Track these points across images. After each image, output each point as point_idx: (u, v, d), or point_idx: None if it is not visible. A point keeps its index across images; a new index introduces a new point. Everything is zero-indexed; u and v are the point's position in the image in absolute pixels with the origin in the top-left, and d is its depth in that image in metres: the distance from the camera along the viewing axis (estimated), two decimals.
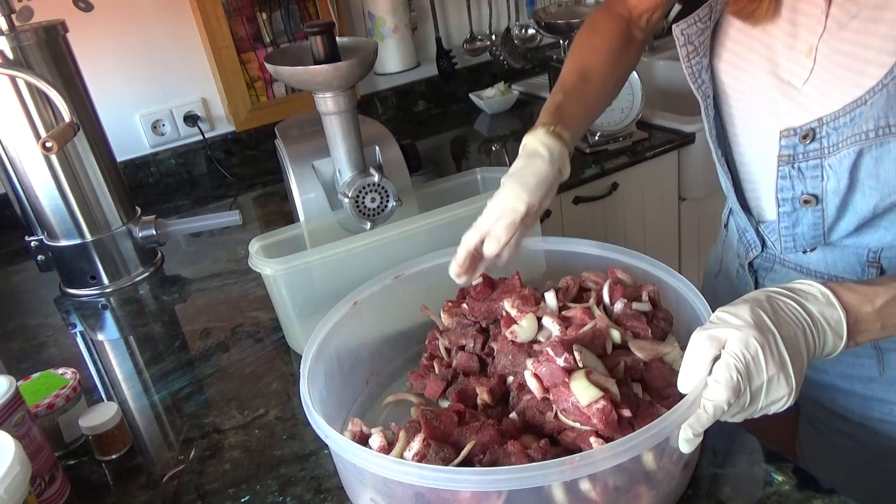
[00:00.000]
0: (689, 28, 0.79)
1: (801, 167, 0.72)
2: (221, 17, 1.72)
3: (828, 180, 0.71)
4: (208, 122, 1.85)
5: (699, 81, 0.81)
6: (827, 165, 0.70)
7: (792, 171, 0.73)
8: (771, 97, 0.75)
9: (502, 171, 1.17)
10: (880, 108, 0.64)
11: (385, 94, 2.05)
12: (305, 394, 0.70)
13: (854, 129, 0.66)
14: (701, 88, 0.82)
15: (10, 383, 0.77)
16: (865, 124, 0.65)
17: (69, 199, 1.25)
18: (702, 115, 0.84)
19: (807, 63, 0.71)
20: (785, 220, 0.78)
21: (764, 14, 0.73)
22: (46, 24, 1.18)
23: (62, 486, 0.81)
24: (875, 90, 0.64)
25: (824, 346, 0.64)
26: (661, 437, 0.59)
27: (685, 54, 0.80)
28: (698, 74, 0.81)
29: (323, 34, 0.98)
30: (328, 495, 0.77)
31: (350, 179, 1.07)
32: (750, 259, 0.91)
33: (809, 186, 0.73)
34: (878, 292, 0.65)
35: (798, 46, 0.72)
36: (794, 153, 0.72)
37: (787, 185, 0.74)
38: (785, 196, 0.76)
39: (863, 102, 0.65)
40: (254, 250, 1.00)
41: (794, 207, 0.76)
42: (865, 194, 0.70)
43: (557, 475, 0.57)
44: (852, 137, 0.67)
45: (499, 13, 2.10)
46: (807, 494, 0.68)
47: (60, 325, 1.24)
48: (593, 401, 0.62)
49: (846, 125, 0.67)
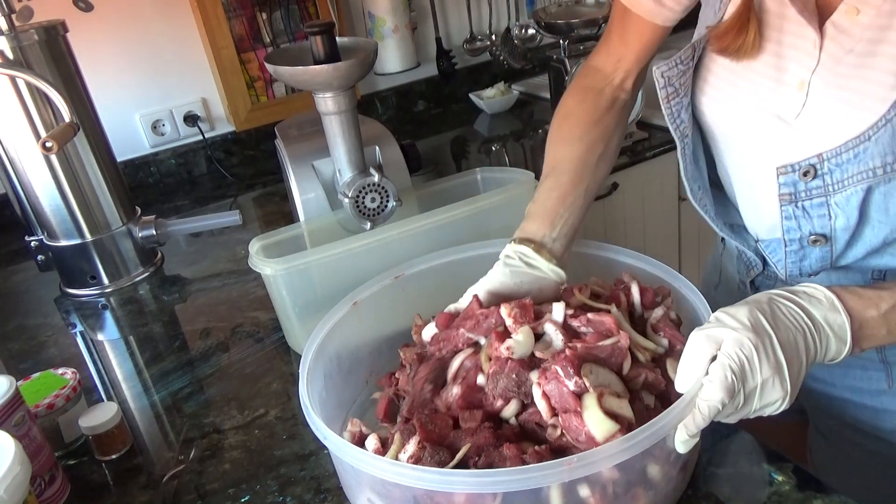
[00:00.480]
0: (670, 70, 0.76)
1: (806, 206, 0.70)
2: (221, 17, 1.72)
3: (836, 218, 0.69)
4: (208, 122, 1.85)
5: (677, 122, 0.79)
6: (833, 204, 0.69)
7: (797, 211, 0.71)
8: (761, 132, 0.73)
9: (502, 172, 1.18)
10: (886, 143, 0.62)
11: (385, 94, 2.05)
12: (304, 394, 0.70)
13: (860, 167, 0.65)
14: (679, 129, 0.79)
15: (10, 383, 0.77)
16: (872, 161, 0.64)
17: (69, 199, 1.25)
18: (678, 155, 0.81)
19: (798, 97, 0.69)
20: (792, 257, 0.76)
21: (749, 48, 0.71)
22: (46, 24, 1.17)
23: (62, 486, 0.81)
24: (878, 125, 0.62)
25: (827, 350, 0.63)
26: (658, 437, 0.59)
27: (664, 96, 0.78)
28: (677, 115, 0.79)
29: (323, 34, 0.98)
30: (328, 495, 0.77)
31: (350, 179, 1.07)
32: (751, 277, 0.90)
33: (817, 226, 0.71)
34: (883, 297, 0.64)
35: (786, 80, 0.70)
36: (796, 191, 0.70)
37: (793, 226, 0.72)
38: (792, 237, 0.74)
39: (867, 138, 0.63)
40: (254, 250, 1.00)
41: (801, 246, 0.75)
42: (875, 227, 0.69)
43: (554, 477, 0.57)
44: (859, 175, 0.65)
45: (499, 13, 2.10)
46: (807, 494, 0.68)
47: (60, 325, 1.24)
48: (609, 435, 0.59)
49: (850, 161, 0.65)
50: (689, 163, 0.81)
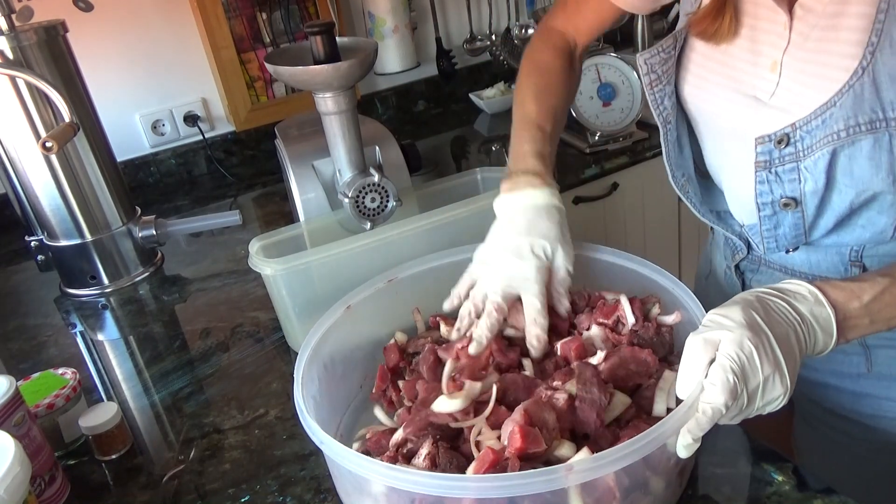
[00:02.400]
0: (653, 58, 0.81)
1: (778, 171, 0.74)
2: (221, 17, 1.72)
3: (805, 182, 0.73)
4: (208, 122, 1.85)
5: (660, 108, 0.84)
6: (803, 168, 0.72)
7: (770, 176, 0.74)
8: (739, 113, 0.77)
9: (502, 172, 1.17)
10: (849, 108, 0.65)
11: (385, 94, 2.05)
12: (299, 398, 0.70)
13: (826, 131, 0.68)
14: (662, 115, 0.84)
15: (10, 383, 0.77)
16: (836, 125, 0.67)
17: (69, 199, 1.25)
18: (661, 140, 0.86)
19: (771, 77, 0.73)
20: (766, 223, 0.79)
21: (726, 32, 0.75)
22: (46, 24, 1.17)
23: (62, 486, 0.81)
24: (843, 92, 0.66)
25: (815, 344, 0.64)
26: (660, 442, 0.59)
27: (648, 82, 0.83)
28: (660, 101, 0.84)
29: (323, 34, 0.98)
30: (328, 495, 0.77)
31: (350, 179, 1.07)
32: (736, 261, 0.92)
33: (788, 190, 0.74)
34: (864, 288, 0.66)
35: (760, 62, 0.74)
36: (771, 158, 0.73)
37: (765, 189, 0.76)
38: (765, 200, 0.77)
39: (832, 104, 0.67)
40: (254, 250, 1.00)
41: (774, 211, 0.77)
42: (841, 192, 0.72)
43: (554, 483, 0.57)
44: (825, 139, 0.68)
45: (499, 13, 2.10)
46: (807, 494, 0.68)
47: (60, 325, 1.24)
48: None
49: (818, 128, 0.69)
50: (673, 149, 0.86)
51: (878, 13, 0.63)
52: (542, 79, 0.93)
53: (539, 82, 0.92)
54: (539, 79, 0.93)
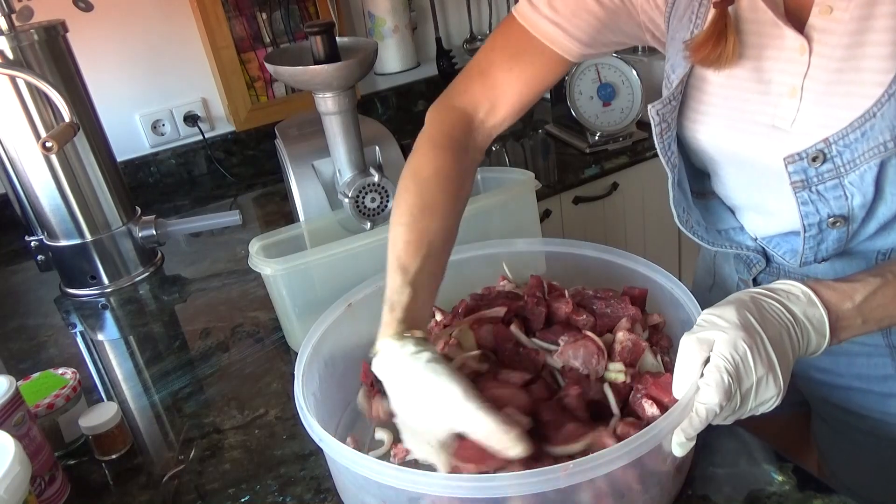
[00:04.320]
0: (664, 108, 0.78)
1: (820, 190, 0.71)
2: (221, 17, 1.72)
3: (853, 198, 0.70)
4: (208, 122, 1.85)
5: (668, 154, 0.80)
6: (848, 184, 0.69)
7: (812, 196, 0.71)
8: (757, 142, 0.74)
9: (502, 171, 1.18)
10: (892, 116, 0.63)
11: (385, 94, 2.05)
12: (300, 397, 0.70)
13: (870, 143, 0.66)
14: (670, 161, 0.81)
15: (10, 383, 0.77)
16: (882, 136, 0.64)
17: (69, 199, 1.25)
18: (668, 186, 0.82)
19: (790, 104, 0.70)
20: (810, 243, 0.76)
21: (729, 56, 0.71)
22: (46, 24, 1.18)
23: (62, 486, 0.82)
24: (882, 101, 0.63)
25: (808, 345, 0.64)
26: (656, 441, 0.59)
27: (658, 132, 0.79)
28: (667, 147, 0.80)
29: (323, 34, 0.98)
30: (328, 495, 0.77)
31: (350, 179, 1.07)
32: (754, 275, 0.90)
33: (835, 208, 0.72)
34: (856, 288, 0.66)
35: (773, 90, 0.71)
36: (807, 177, 0.70)
37: (811, 210, 0.72)
38: (811, 222, 0.74)
39: (872, 115, 0.64)
40: (254, 250, 1.00)
41: (820, 230, 0.75)
42: (888, 202, 0.70)
43: (550, 483, 0.57)
44: (870, 151, 0.66)
45: (499, 13, 2.10)
46: (807, 494, 0.68)
47: (60, 325, 1.24)
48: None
49: (858, 140, 0.66)
50: (676, 191, 0.82)
51: None
52: (419, 197, 0.79)
53: (414, 203, 0.78)
54: (416, 198, 0.79)
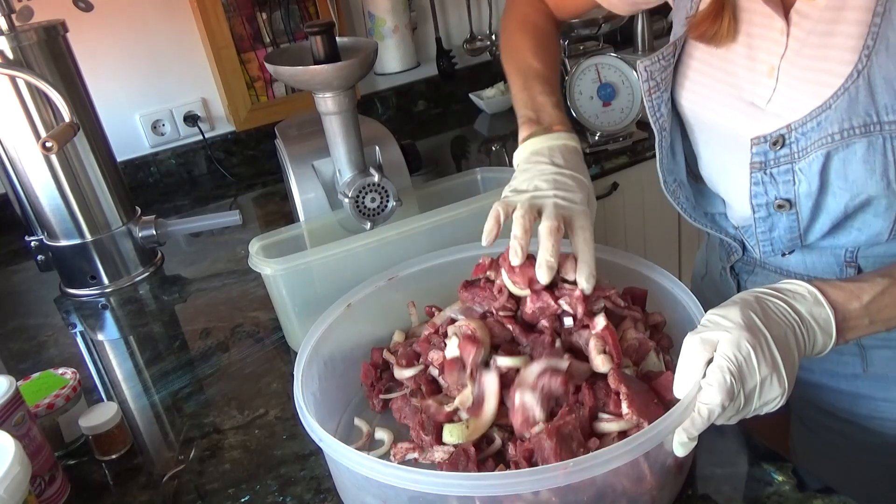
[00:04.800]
0: (653, 65, 0.81)
1: (773, 173, 0.73)
2: (221, 17, 1.72)
3: (799, 184, 0.72)
4: (208, 122, 1.85)
5: (657, 115, 0.84)
6: (798, 170, 0.72)
7: (764, 178, 0.74)
8: (736, 118, 0.77)
9: (502, 171, 1.18)
10: (843, 110, 0.66)
11: (385, 94, 2.05)
12: (299, 397, 0.70)
13: (820, 133, 0.68)
14: (658, 121, 0.84)
15: (10, 383, 0.77)
16: (830, 127, 0.67)
17: (69, 199, 1.25)
18: (656, 146, 0.86)
19: (768, 83, 0.73)
20: (761, 226, 0.79)
21: (725, 34, 0.75)
22: (46, 24, 1.17)
23: (62, 486, 0.82)
24: (837, 94, 0.66)
25: (814, 344, 0.64)
26: (657, 441, 0.59)
27: (647, 89, 0.82)
28: (657, 108, 0.83)
29: (323, 34, 0.98)
30: (328, 495, 0.77)
31: (350, 179, 1.07)
32: (732, 262, 0.92)
33: (782, 191, 0.74)
34: (864, 288, 0.66)
35: (757, 68, 0.74)
36: (766, 160, 0.73)
37: (760, 190, 0.76)
38: (759, 202, 0.76)
39: (827, 107, 0.67)
40: (254, 250, 1.00)
41: (769, 213, 0.77)
42: (836, 195, 0.71)
43: (549, 481, 0.57)
44: (819, 141, 0.68)
45: (499, 13, 2.10)
46: (807, 494, 0.68)
47: (60, 325, 1.24)
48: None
49: (813, 130, 0.69)
50: (666, 156, 0.86)
51: (875, 17, 0.63)
52: (536, 39, 0.93)
53: (535, 41, 0.93)
54: (534, 39, 0.93)
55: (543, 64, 0.90)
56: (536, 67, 0.89)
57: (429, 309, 0.86)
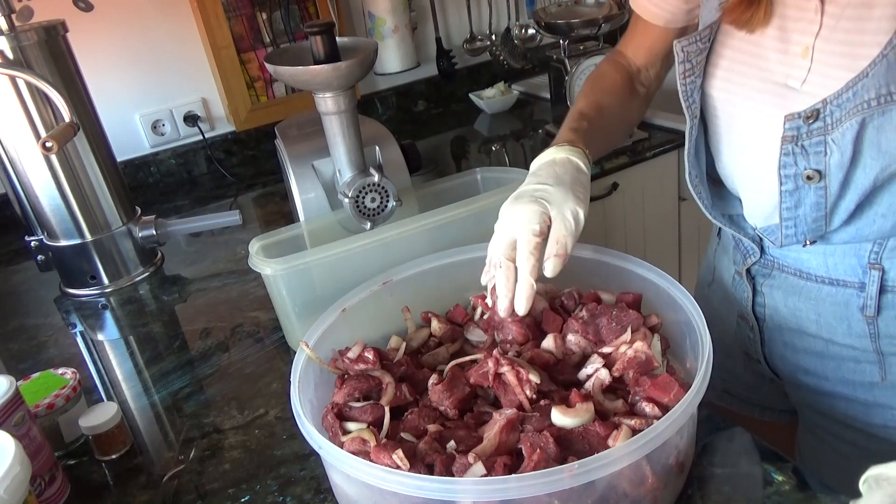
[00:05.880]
0: (690, 46, 0.81)
1: (805, 145, 0.72)
2: (221, 17, 1.72)
3: (831, 155, 0.71)
4: (208, 122, 1.85)
5: (690, 100, 0.83)
6: (830, 140, 0.71)
7: (795, 149, 0.73)
8: (770, 101, 0.76)
9: (502, 171, 1.18)
10: (881, 77, 0.64)
11: (385, 94, 2.05)
12: (297, 403, 0.70)
13: (856, 101, 0.67)
14: (691, 108, 0.84)
15: (10, 383, 0.77)
16: (867, 94, 0.66)
17: (69, 199, 1.25)
18: (686, 135, 0.86)
19: (803, 64, 0.73)
20: (787, 201, 0.77)
21: (760, 19, 0.75)
22: (46, 24, 1.17)
23: (62, 486, 0.81)
24: (875, 62, 0.65)
25: None
26: (659, 441, 0.59)
27: (682, 71, 0.82)
28: (690, 93, 0.83)
29: (323, 34, 0.98)
30: (328, 495, 0.77)
31: (350, 179, 1.07)
32: (748, 265, 0.90)
33: (813, 162, 0.73)
34: None
35: (791, 50, 0.74)
36: (799, 133, 0.72)
37: (790, 161, 0.74)
38: (788, 173, 0.75)
39: (864, 76, 0.66)
40: (254, 250, 1.00)
41: (796, 185, 0.75)
42: (866, 167, 0.70)
43: (555, 484, 0.57)
44: (854, 108, 0.67)
45: (499, 13, 2.10)
46: (807, 494, 0.68)
47: (60, 325, 1.24)
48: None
49: (849, 100, 0.68)
50: (692, 147, 0.86)
51: None
52: (595, 82, 0.98)
53: (592, 85, 0.98)
54: (593, 82, 0.99)
55: (586, 101, 0.94)
56: (576, 105, 0.94)
57: (425, 315, 0.86)
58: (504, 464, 0.62)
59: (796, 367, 0.90)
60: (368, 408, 0.72)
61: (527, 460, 0.61)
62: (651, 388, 0.68)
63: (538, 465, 0.60)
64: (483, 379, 0.72)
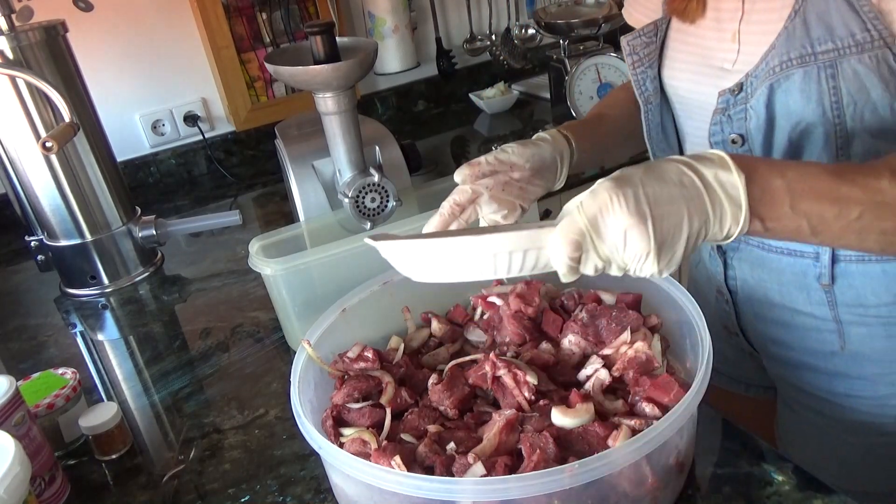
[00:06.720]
0: (635, 40, 0.89)
1: (731, 114, 0.79)
2: (221, 17, 1.72)
3: (750, 119, 0.77)
4: (208, 122, 1.85)
5: (642, 89, 0.90)
6: (749, 108, 0.77)
7: (723, 118, 0.80)
8: (708, 83, 0.83)
9: None
10: (783, 46, 0.72)
11: (385, 94, 2.05)
12: (297, 404, 0.69)
13: (766, 69, 0.74)
14: (643, 95, 0.91)
15: (10, 383, 0.77)
16: (773, 62, 0.73)
17: (69, 199, 1.25)
18: (642, 119, 0.93)
19: (733, 47, 0.80)
20: None
21: (695, 9, 0.82)
22: (46, 24, 1.18)
23: (62, 486, 0.82)
24: (780, 34, 0.73)
25: (722, 215, 0.58)
26: (659, 441, 0.59)
27: (630, 63, 0.90)
28: (642, 83, 0.90)
29: (323, 34, 0.98)
30: (328, 495, 0.77)
31: (350, 179, 1.07)
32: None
33: (736, 127, 0.79)
34: (790, 166, 0.61)
35: (724, 36, 0.81)
36: (727, 105, 0.79)
37: (717, 129, 0.81)
38: (716, 140, 0.81)
39: (772, 48, 0.73)
40: (254, 250, 1.00)
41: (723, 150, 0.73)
42: (781, 127, 0.76)
43: (555, 484, 0.57)
44: (765, 76, 0.74)
45: (499, 13, 2.10)
46: (807, 494, 0.68)
47: (60, 325, 1.24)
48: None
49: (762, 70, 0.75)
50: (655, 131, 0.93)
51: None
52: (602, 100, 1.07)
53: (598, 103, 1.07)
54: (600, 101, 1.07)
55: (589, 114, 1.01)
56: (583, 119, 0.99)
57: (425, 315, 0.86)
58: (504, 464, 0.62)
59: (766, 338, 0.93)
60: (367, 410, 0.72)
61: (526, 460, 0.61)
62: (651, 389, 0.68)
63: (538, 465, 0.60)
64: (481, 381, 0.72)
